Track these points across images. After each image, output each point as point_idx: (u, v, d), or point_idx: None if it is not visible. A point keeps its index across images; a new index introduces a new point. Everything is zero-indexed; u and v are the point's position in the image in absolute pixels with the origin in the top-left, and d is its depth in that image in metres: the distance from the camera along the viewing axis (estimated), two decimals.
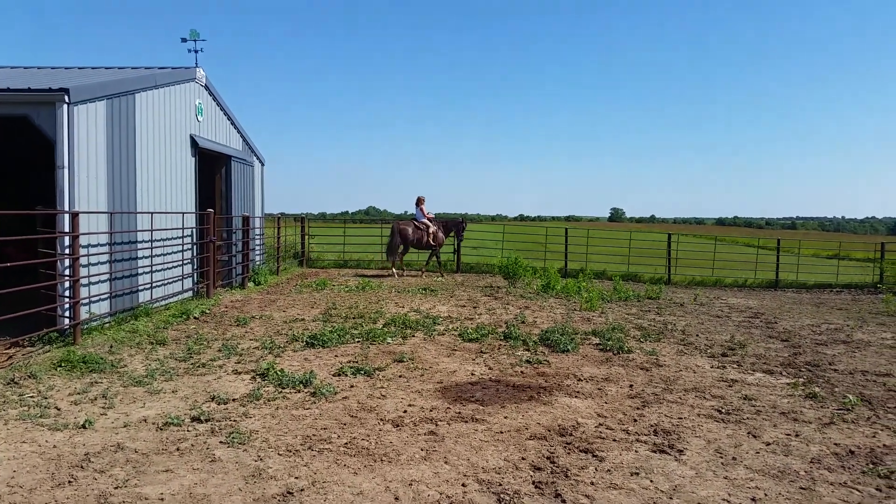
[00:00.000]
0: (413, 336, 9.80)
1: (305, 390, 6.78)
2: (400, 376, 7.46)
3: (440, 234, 19.54)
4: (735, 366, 8.54)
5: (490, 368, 7.96)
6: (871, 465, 5.07)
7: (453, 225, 20.19)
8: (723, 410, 6.48)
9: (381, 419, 5.92)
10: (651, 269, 21.61)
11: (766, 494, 4.51)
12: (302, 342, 9.12)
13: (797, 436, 5.78)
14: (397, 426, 5.74)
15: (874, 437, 5.80)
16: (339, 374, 7.44)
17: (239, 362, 8.01)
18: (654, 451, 5.31)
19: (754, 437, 5.73)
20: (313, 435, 5.49)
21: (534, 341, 9.48)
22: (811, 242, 42.11)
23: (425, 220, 19.31)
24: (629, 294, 15.48)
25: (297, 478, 4.63)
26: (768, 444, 5.55)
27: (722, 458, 5.20)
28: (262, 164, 19.49)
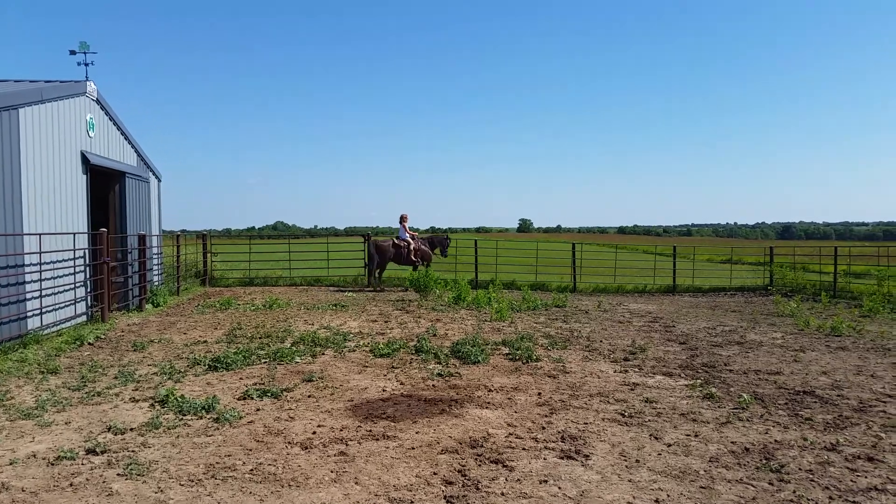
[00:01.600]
0: (323, 354, 9.64)
1: (208, 416, 6.52)
2: (309, 396, 7.30)
3: (425, 250, 20.17)
4: (637, 370, 8.88)
5: (402, 384, 7.93)
6: (764, 461, 5.37)
7: (438, 241, 20.88)
8: (626, 414, 6.71)
9: (289, 442, 5.77)
10: (558, 278, 22.20)
11: (668, 495, 4.69)
12: (204, 366, 8.78)
13: (696, 436, 6.05)
14: (306, 448, 5.60)
15: (766, 433, 6.15)
16: (245, 398, 7.21)
17: (137, 389, 7.62)
18: (562, 458, 5.42)
19: (656, 438, 5.96)
20: (217, 463, 5.28)
21: (445, 354, 9.51)
22: (706, 248, 44.50)
23: (407, 237, 19.84)
24: (537, 303, 15.83)
25: None
26: (669, 445, 5.79)
27: (626, 461, 5.38)
28: (159, 180, 18.74)
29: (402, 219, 20.23)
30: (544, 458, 5.40)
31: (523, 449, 5.63)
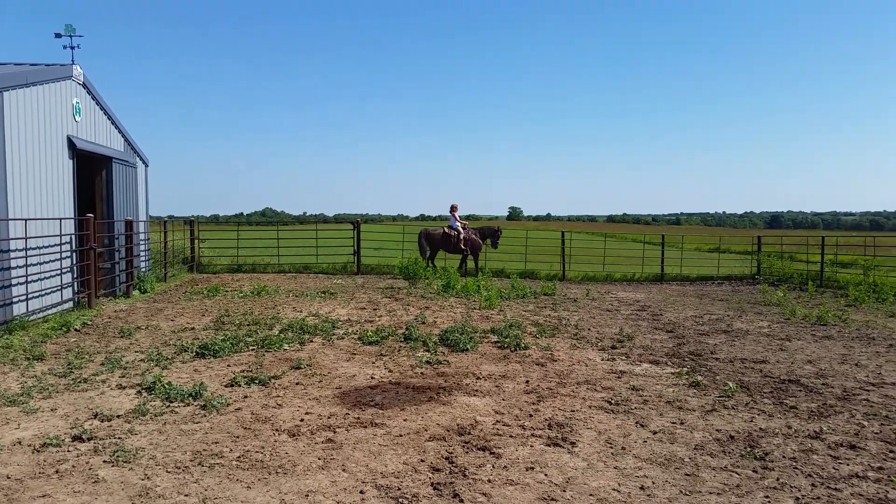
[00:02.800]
0: (311, 341, 9.63)
1: (195, 403, 6.51)
2: (297, 384, 7.30)
3: (475, 239, 20.61)
4: (624, 358, 8.93)
5: (390, 371, 7.94)
6: (749, 449, 5.43)
7: (489, 232, 21.20)
8: (612, 402, 6.76)
9: (277, 429, 5.78)
10: (547, 266, 22.25)
11: (653, 482, 4.74)
12: (191, 352, 8.76)
13: (682, 423, 6.11)
14: (293, 436, 5.61)
15: (751, 421, 6.21)
16: (232, 385, 7.20)
17: (123, 376, 7.59)
18: (549, 445, 5.46)
19: (642, 426, 6.01)
20: (204, 450, 5.28)
21: (434, 342, 9.54)
22: (694, 237, 44.70)
23: (458, 226, 20.38)
24: (526, 291, 15.87)
25: (186, 495, 4.44)
26: (655, 432, 5.84)
27: (612, 448, 5.42)
28: (147, 165, 18.59)
29: (453, 208, 20.81)
30: (531, 446, 5.44)
31: (510, 436, 5.67)
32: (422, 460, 5.08)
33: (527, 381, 7.54)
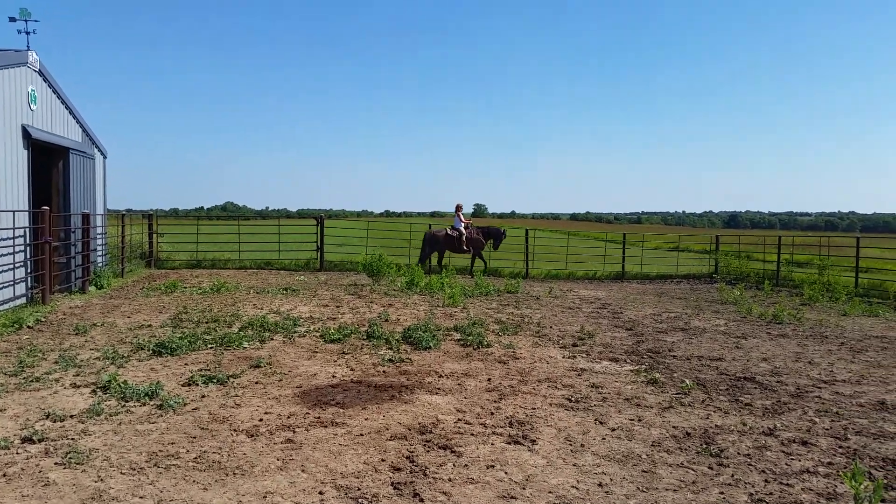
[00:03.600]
0: (272, 339, 9.52)
1: (151, 403, 6.38)
2: (256, 383, 7.20)
3: (478, 239, 20.73)
4: (584, 355, 9.03)
5: (352, 369, 7.89)
6: (704, 446, 5.53)
7: (493, 232, 21.29)
8: (573, 399, 6.83)
9: (235, 430, 5.69)
10: (510, 264, 22.37)
11: (611, 479, 4.79)
12: (148, 351, 8.58)
13: (640, 421, 6.19)
14: (252, 436, 5.53)
15: (707, 418, 6.33)
16: (190, 384, 7.07)
17: (78, 375, 7.39)
18: (510, 443, 5.49)
19: (601, 423, 6.08)
20: (160, 451, 5.17)
21: (396, 339, 9.51)
22: (654, 236, 45.38)
23: (460, 226, 20.53)
24: (490, 289, 15.92)
25: (141, 497, 4.34)
26: (613, 429, 5.91)
27: (571, 445, 5.47)
28: (105, 157, 18.15)
29: (457, 208, 21.01)
30: (492, 444, 5.46)
31: (472, 434, 5.68)
32: (382, 460, 5.06)
33: (489, 379, 7.56)
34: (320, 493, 4.45)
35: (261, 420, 5.95)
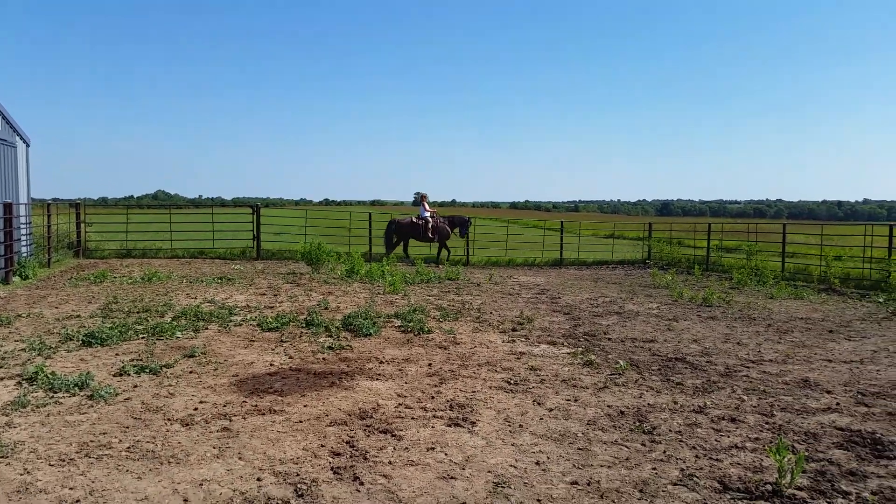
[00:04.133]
0: (206, 329, 9.31)
1: (81, 393, 6.16)
2: (191, 372, 7.04)
3: (443, 227, 20.90)
4: (523, 339, 9.18)
5: (290, 357, 7.80)
6: (638, 423, 5.71)
7: (458, 221, 21.58)
8: (512, 382, 6.94)
9: (169, 419, 5.56)
10: (452, 251, 22.47)
11: (548, 457, 4.90)
12: (77, 341, 8.27)
13: (576, 401, 6.35)
14: (187, 425, 5.42)
15: (640, 397, 6.53)
16: (121, 374, 6.85)
17: (1, 367, 7.06)
18: (450, 425, 5.54)
19: (539, 404, 6.20)
20: (91, 441, 5.01)
21: (336, 327, 9.44)
22: (591, 224, 46.35)
23: (426, 215, 20.69)
24: (431, 276, 15.97)
25: (71, 489, 4.20)
26: (551, 410, 6.04)
27: (510, 426, 5.57)
28: (28, 145, 17.32)
29: (422, 198, 21.42)
30: (432, 427, 5.50)
31: (412, 418, 5.71)
32: (322, 445, 5.03)
33: (429, 364, 7.60)
34: (258, 479, 4.40)
35: (196, 409, 5.83)
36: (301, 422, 5.56)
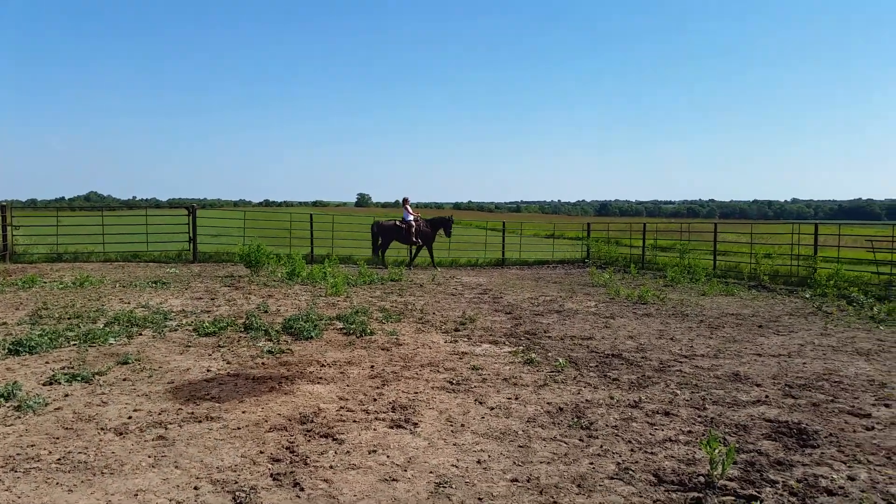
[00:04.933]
0: (140, 334, 9.04)
1: (8, 404, 5.90)
2: (124, 380, 6.83)
3: (426, 231, 20.88)
4: (466, 339, 9.25)
5: (228, 363, 7.66)
6: (576, 419, 5.83)
7: (441, 222, 21.45)
8: (454, 382, 6.99)
9: (102, 428, 5.38)
10: (395, 253, 22.44)
11: (489, 456, 4.96)
12: (3, 350, 7.90)
13: (517, 399, 6.44)
14: (121, 434, 5.26)
15: (578, 393, 6.67)
16: (51, 383, 6.59)
17: None
18: (392, 427, 5.54)
19: (480, 403, 6.27)
20: (18, 454, 4.81)
21: (276, 330, 9.31)
22: (532, 224, 46.99)
23: (410, 219, 20.63)
24: (373, 277, 15.92)
25: None
26: (492, 408, 6.11)
27: (452, 426, 5.61)
28: None
29: (405, 201, 21.36)
30: (374, 429, 5.49)
31: (354, 421, 5.68)
32: (261, 452, 4.96)
33: (372, 366, 7.58)
34: (195, 488, 4.31)
35: (130, 417, 5.66)
36: (239, 428, 5.47)
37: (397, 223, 20.92)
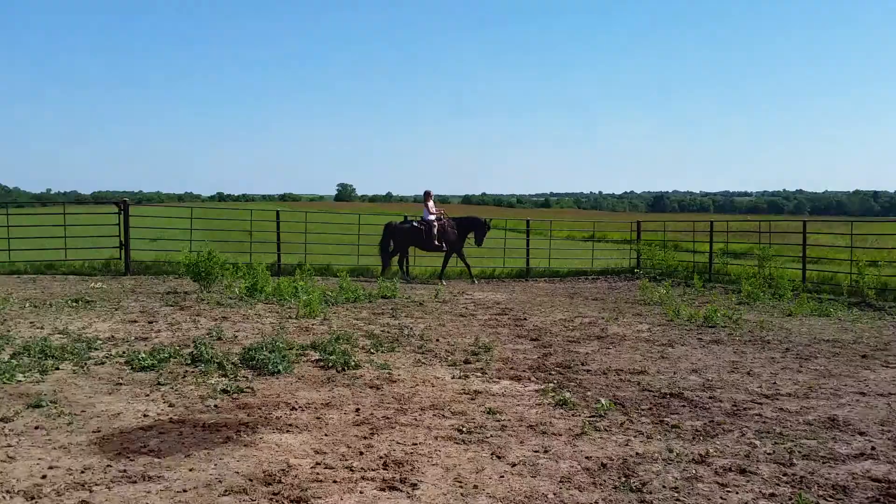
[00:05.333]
0: (57, 369, 9.08)
1: None
2: (36, 428, 6.86)
3: (451, 233, 20.73)
4: (479, 374, 9.28)
5: (171, 406, 7.69)
6: (623, 479, 5.82)
7: (471, 223, 21.35)
8: (464, 430, 6.99)
9: (9, 491, 5.41)
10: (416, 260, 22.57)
11: None
12: None
13: (546, 452, 6.44)
14: (32, 498, 5.28)
15: (627, 444, 6.67)
16: None
17: None
18: (383, 489, 5.54)
19: (499, 458, 6.27)
20: None
21: (233, 363, 9.36)
22: (565, 222, 47.01)
23: (430, 218, 20.56)
24: (359, 294, 15.98)
25: None
26: (514, 465, 6.11)
27: (462, 488, 5.60)
28: None
29: (426, 196, 21.31)
30: (360, 492, 5.49)
31: (334, 481, 5.69)
32: None
33: (357, 410, 7.60)
34: None
35: (44, 477, 5.68)
36: (185, 491, 5.48)
37: (415, 223, 21.06)
